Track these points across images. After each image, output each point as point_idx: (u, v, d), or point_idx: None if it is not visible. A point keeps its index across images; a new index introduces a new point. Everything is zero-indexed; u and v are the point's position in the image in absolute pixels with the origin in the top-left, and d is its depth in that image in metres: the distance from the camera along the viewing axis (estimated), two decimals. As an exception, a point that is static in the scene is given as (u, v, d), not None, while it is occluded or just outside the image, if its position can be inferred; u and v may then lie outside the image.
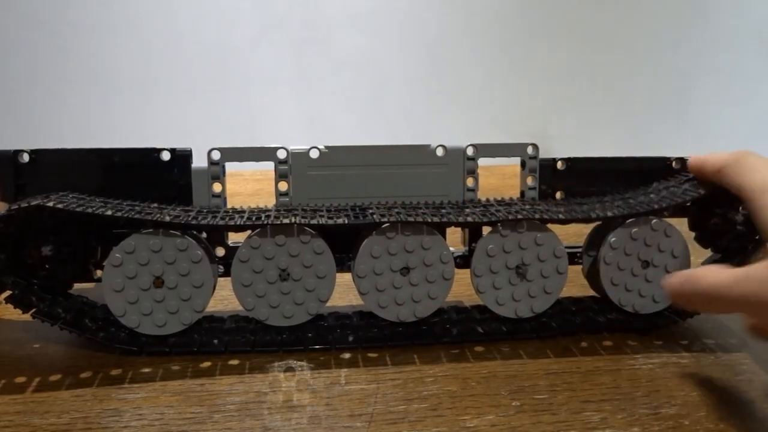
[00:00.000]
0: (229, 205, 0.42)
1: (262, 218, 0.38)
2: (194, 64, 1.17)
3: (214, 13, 1.17)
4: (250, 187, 0.78)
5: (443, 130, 1.16)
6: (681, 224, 0.42)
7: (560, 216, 0.39)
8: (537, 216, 0.39)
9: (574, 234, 0.47)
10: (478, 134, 0.47)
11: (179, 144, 0.42)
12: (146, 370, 0.37)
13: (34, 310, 0.38)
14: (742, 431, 0.31)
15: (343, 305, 0.44)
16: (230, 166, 0.42)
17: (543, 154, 0.44)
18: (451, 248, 0.42)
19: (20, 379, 0.36)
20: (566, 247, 0.41)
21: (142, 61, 1.17)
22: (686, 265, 0.41)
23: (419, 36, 1.24)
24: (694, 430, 0.31)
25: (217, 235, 0.42)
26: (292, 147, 0.41)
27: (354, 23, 1.20)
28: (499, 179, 0.56)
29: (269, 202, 0.43)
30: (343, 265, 0.41)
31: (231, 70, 1.18)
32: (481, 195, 0.43)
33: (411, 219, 0.38)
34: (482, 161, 0.43)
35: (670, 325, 0.42)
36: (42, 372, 0.37)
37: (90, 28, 1.17)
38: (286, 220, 0.37)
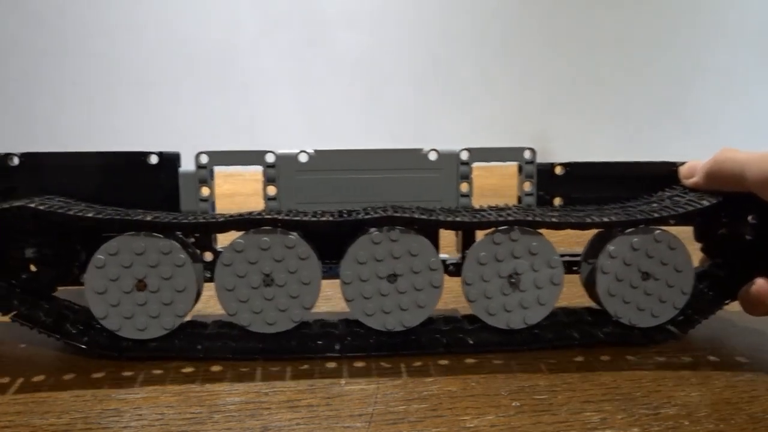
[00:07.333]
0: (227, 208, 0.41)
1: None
2: (194, 66, 1.17)
3: (215, 13, 1.17)
4: (249, 187, 0.78)
5: (442, 131, 1.15)
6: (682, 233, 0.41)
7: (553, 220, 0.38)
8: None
9: (567, 237, 0.45)
10: (478, 135, 0.46)
11: (180, 146, 0.41)
12: (146, 370, 0.37)
13: (14, 312, 0.37)
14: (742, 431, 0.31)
15: (328, 311, 0.43)
16: (231, 167, 0.41)
17: (543, 155, 0.42)
18: (445, 255, 0.41)
19: (20, 380, 0.36)
20: (564, 255, 0.40)
21: (141, 63, 1.17)
22: (690, 280, 0.40)
23: (419, 36, 1.23)
24: (694, 430, 0.31)
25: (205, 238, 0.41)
26: (280, 150, 0.41)
27: (354, 23, 1.19)
28: (499, 179, 0.55)
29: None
30: (330, 272, 0.40)
31: (231, 71, 1.18)
32: (480, 196, 0.42)
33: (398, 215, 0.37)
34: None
35: (669, 340, 0.41)
36: (42, 372, 0.36)
37: (88, 30, 1.17)
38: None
